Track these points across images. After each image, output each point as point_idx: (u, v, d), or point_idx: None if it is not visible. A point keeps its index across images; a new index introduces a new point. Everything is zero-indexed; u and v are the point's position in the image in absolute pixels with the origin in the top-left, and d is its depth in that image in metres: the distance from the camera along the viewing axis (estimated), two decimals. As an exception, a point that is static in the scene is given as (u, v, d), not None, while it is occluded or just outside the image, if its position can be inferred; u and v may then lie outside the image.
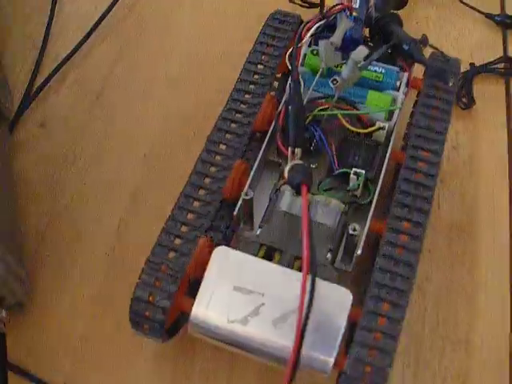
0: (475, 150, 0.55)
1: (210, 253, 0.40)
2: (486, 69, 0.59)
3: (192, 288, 0.40)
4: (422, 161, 0.43)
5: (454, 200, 0.52)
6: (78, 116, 0.57)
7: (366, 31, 0.51)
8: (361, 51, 0.41)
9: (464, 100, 0.57)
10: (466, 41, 0.62)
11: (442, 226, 0.51)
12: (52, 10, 0.63)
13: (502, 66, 0.60)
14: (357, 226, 0.40)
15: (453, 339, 0.46)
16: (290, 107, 0.42)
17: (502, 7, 0.64)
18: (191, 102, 0.57)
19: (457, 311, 0.47)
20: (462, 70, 0.59)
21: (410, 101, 0.51)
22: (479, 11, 0.63)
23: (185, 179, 0.43)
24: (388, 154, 0.45)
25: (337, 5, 0.47)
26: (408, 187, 0.42)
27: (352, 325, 0.38)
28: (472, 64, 0.59)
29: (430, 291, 0.48)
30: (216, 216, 0.45)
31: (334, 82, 0.42)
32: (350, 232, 0.40)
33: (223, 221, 0.45)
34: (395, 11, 0.58)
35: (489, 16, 0.63)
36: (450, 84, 0.44)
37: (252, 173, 0.44)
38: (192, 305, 0.38)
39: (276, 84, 0.51)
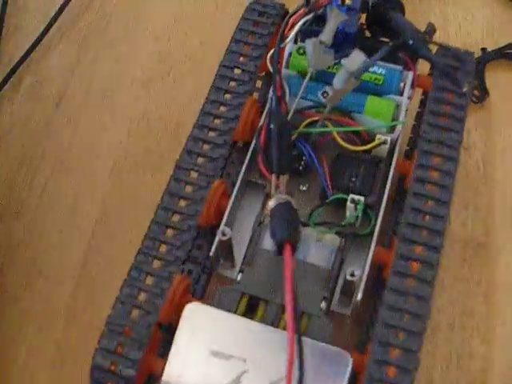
0: (490, 151, 0.48)
1: (186, 292, 0.35)
2: (500, 54, 0.51)
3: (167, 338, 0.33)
4: (430, 183, 0.36)
5: (467, 212, 0.46)
6: (36, 127, 0.50)
7: (363, 17, 0.44)
8: (355, 58, 0.33)
9: (476, 92, 0.50)
10: (476, 21, 0.54)
11: (454, 244, 0.45)
12: (4, 4, 0.55)
13: (517, 50, 0.52)
14: (355, 271, 0.34)
15: (468, 378, 0.40)
16: (271, 126, 0.34)
17: (517, -19, 0.56)
18: (162, 106, 0.50)
19: (471, 347, 0.41)
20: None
21: (415, 97, 0.44)
22: (491, -14, 0.55)
23: (157, 199, 0.37)
24: (391, 174, 0.38)
25: (326, -6, 0.39)
26: (414, 218, 0.35)
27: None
28: (484, 49, 0.52)
29: (441, 325, 0.42)
30: (193, 245, 0.39)
31: (325, 95, 0.34)
32: (348, 278, 0.34)
33: (201, 251, 0.38)
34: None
35: (502, -8, 0.55)
36: (465, 89, 0.37)
37: (230, 204, 0.37)
38: (162, 369, 0.32)
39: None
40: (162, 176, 0.38)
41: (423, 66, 0.42)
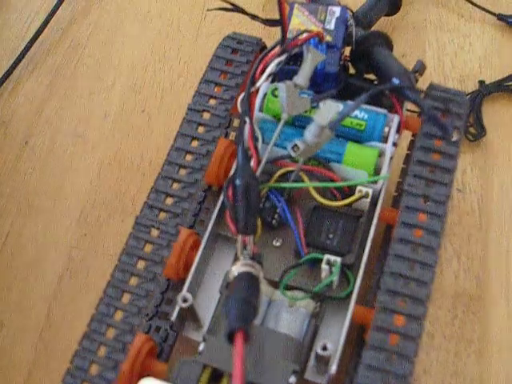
0: (486, 193, 0.45)
1: (151, 354, 0.32)
2: (499, 87, 0.48)
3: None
4: (414, 250, 0.33)
5: (459, 262, 0.42)
6: (3, 167, 0.47)
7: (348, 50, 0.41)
8: (327, 110, 0.30)
9: (472, 130, 0.46)
10: (474, 50, 0.51)
11: (445, 297, 0.41)
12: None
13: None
14: (328, 344, 0.30)
15: None
16: (237, 182, 0.31)
17: (518, 6, 0.52)
18: (134, 147, 0.47)
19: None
20: (470, 89, 0.48)
21: (405, 138, 0.41)
22: (489, 12, 0.51)
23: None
24: (372, 231, 0.34)
25: (302, 33, 0.35)
26: (395, 283, 0.32)
27: None
28: (481, 82, 0.48)
29: (428, 388, 0.38)
30: (162, 299, 0.36)
31: (295, 149, 0.31)
32: (319, 352, 0.30)
33: (171, 305, 0.36)
34: (389, 15, 0.48)
35: (501, 17, 0.51)
36: (454, 138, 0.33)
37: (195, 263, 0.34)
38: None
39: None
40: (132, 221, 0.35)
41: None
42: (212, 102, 0.37)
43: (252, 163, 0.34)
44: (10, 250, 0.43)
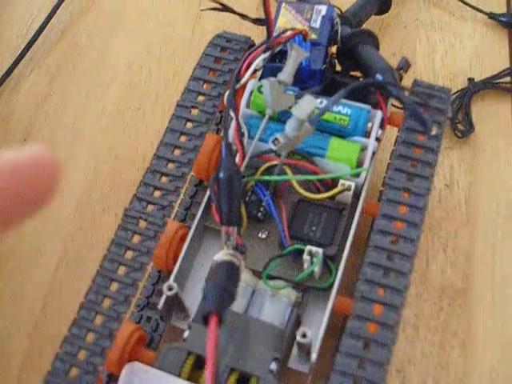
0: (473, 189, 0.45)
1: (140, 342, 0.34)
2: (488, 85, 0.49)
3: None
4: (393, 242, 0.33)
5: (445, 256, 0.43)
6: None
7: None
8: (306, 104, 0.31)
9: (460, 126, 0.47)
10: (464, 48, 0.51)
11: (431, 290, 0.42)
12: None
13: (508, 79, 0.49)
14: (307, 331, 0.31)
15: None
16: (220, 175, 0.32)
17: (509, 5, 0.53)
18: (129, 143, 0.48)
19: (446, 405, 0.38)
20: (460, 87, 0.49)
21: (392, 133, 0.41)
22: (480, 10, 0.52)
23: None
24: (355, 223, 0.35)
25: (286, 30, 0.37)
26: (374, 274, 0.33)
27: None
28: (471, 80, 0.49)
29: (412, 379, 0.39)
30: (153, 291, 0.38)
31: (276, 143, 0.32)
32: (299, 339, 0.31)
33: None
34: (379, 14, 0.48)
35: (492, 16, 0.52)
36: (433, 132, 0.34)
37: (182, 254, 0.35)
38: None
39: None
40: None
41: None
42: (200, 98, 0.38)
43: (237, 157, 0.35)
44: (6, 242, 0.45)
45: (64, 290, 0.43)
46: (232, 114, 0.35)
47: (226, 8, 0.41)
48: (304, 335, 0.31)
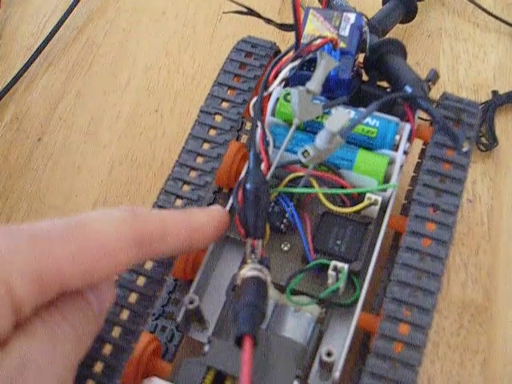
0: (496, 204, 0.45)
1: (156, 354, 0.33)
2: (512, 98, 0.48)
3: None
4: (421, 260, 0.32)
5: (467, 272, 0.42)
6: (16, 162, 0.47)
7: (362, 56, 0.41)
8: (337, 117, 0.30)
9: (484, 140, 0.46)
10: (488, 59, 0.50)
11: (451, 307, 0.41)
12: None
13: (532, 93, 0.48)
14: (333, 350, 0.30)
15: None
16: (247, 186, 0.31)
17: (534, 17, 0.52)
18: (147, 145, 0.47)
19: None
20: (483, 99, 0.48)
21: (416, 146, 0.41)
22: (505, 22, 0.51)
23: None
24: (380, 238, 0.34)
25: (316, 38, 0.36)
26: (401, 292, 0.32)
27: None
28: (495, 92, 0.48)
29: (432, 398, 0.38)
30: (168, 300, 0.37)
31: (305, 155, 0.31)
32: (324, 358, 0.30)
33: (178, 305, 0.36)
34: (404, 23, 0.47)
35: (517, 28, 0.51)
36: (464, 148, 0.33)
37: (203, 264, 0.34)
38: None
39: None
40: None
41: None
42: (224, 104, 0.37)
43: (262, 167, 0.34)
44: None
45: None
46: (258, 122, 0.34)
47: (251, 12, 0.41)
48: (329, 354, 0.31)
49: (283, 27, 0.41)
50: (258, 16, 0.41)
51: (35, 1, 0.55)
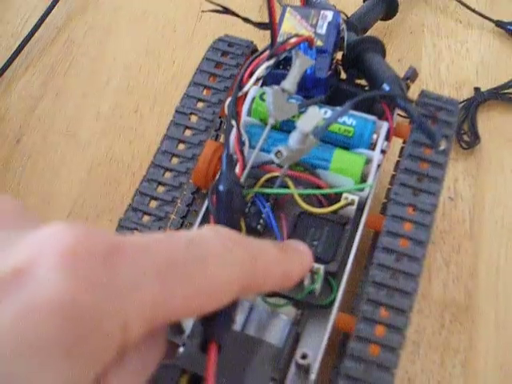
0: (478, 203, 0.44)
1: None
2: (494, 95, 0.47)
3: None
4: (398, 260, 0.32)
5: (448, 271, 0.42)
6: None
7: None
8: (311, 118, 0.29)
9: (466, 137, 0.46)
10: (471, 56, 0.50)
11: (432, 306, 0.41)
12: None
13: (514, 90, 0.48)
14: (308, 352, 0.30)
15: None
16: (220, 188, 0.31)
17: (517, 13, 0.52)
18: (125, 147, 0.47)
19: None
20: (466, 96, 0.48)
21: (396, 145, 0.40)
22: (488, 18, 0.51)
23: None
24: (357, 238, 0.34)
25: (291, 37, 0.35)
26: (376, 293, 0.31)
27: None
28: (477, 89, 0.48)
29: (412, 397, 0.38)
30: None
31: (278, 156, 0.31)
32: (299, 361, 0.30)
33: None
34: (385, 20, 0.47)
35: (500, 24, 0.51)
36: (441, 147, 0.33)
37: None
38: None
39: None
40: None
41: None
42: (200, 104, 0.36)
43: (237, 167, 0.34)
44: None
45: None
46: (233, 122, 0.34)
47: (227, 10, 0.40)
48: (304, 356, 0.30)
49: (261, 26, 0.40)
50: (236, 15, 0.40)
51: (15, 1, 0.55)
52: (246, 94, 0.36)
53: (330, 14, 0.38)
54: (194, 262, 0.19)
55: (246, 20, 0.41)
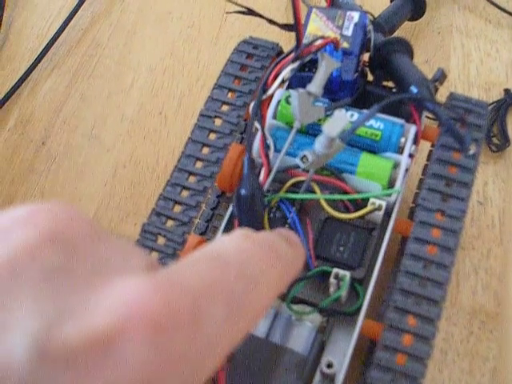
0: (508, 207, 0.43)
1: None
2: (525, 96, 0.46)
3: None
4: (425, 267, 0.31)
5: (477, 277, 0.41)
6: (20, 166, 0.47)
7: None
8: (336, 121, 0.29)
9: (495, 140, 0.45)
10: (501, 56, 0.49)
11: (461, 313, 0.40)
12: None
13: (546, 91, 0.47)
14: (333, 361, 0.30)
15: None
16: (241, 192, 0.31)
17: (549, 12, 0.50)
18: (149, 150, 0.46)
19: None
20: (495, 98, 0.47)
21: (424, 148, 0.39)
22: (519, 17, 0.50)
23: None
24: (385, 244, 0.33)
25: (317, 39, 0.35)
26: (404, 301, 0.31)
27: None
28: (507, 90, 0.46)
29: (440, 407, 0.37)
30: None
31: (304, 161, 0.30)
32: (324, 370, 0.29)
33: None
34: (412, 20, 0.46)
35: (531, 24, 0.49)
36: (470, 151, 0.32)
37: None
38: None
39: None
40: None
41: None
42: (224, 108, 0.36)
43: (262, 171, 0.33)
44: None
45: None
46: (257, 125, 0.33)
47: (252, 12, 0.40)
48: (329, 365, 0.30)
49: (286, 27, 0.40)
50: (260, 16, 0.40)
51: (40, 3, 0.55)
52: (270, 97, 0.36)
53: (356, 15, 0.38)
54: (246, 293, 0.18)
55: (271, 21, 0.40)
